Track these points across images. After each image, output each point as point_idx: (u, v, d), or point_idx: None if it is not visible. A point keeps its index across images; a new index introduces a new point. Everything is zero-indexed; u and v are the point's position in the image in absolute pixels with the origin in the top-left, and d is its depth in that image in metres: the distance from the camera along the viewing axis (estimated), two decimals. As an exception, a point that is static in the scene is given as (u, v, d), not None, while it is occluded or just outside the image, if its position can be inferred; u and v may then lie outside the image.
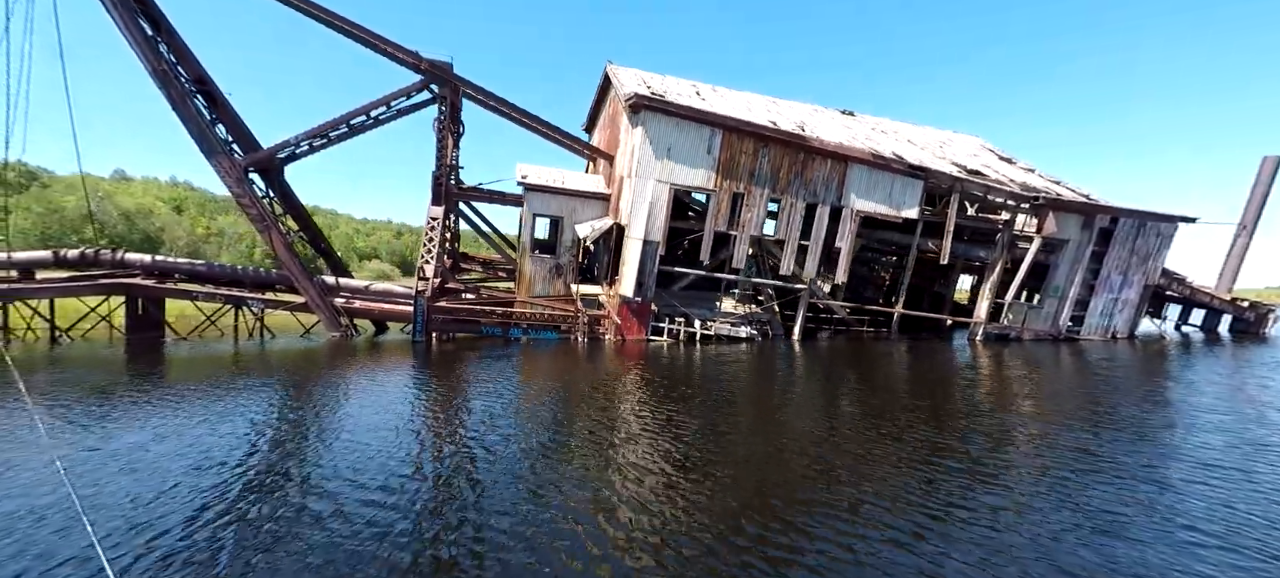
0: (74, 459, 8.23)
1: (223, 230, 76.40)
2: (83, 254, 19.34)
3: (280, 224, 21.01)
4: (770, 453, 9.45)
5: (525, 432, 10.15)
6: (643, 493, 7.60)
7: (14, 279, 18.76)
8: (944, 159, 24.27)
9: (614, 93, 24.82)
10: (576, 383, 14.15)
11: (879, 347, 21.88)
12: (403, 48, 20.63)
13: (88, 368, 14.95)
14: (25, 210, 53.31)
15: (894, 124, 28.85)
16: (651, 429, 10.39)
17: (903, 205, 21.44)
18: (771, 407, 12.59)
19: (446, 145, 21.77)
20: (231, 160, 19.33)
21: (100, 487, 7.37)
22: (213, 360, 16.39)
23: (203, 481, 7.67)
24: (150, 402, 11.30)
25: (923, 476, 8.50)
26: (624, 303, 20.52)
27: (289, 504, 6.98)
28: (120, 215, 61.41)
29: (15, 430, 9.38)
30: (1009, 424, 11.78)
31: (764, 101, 25.46)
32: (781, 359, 18.84)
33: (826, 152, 20.15)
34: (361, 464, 8.29)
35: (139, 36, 17.68)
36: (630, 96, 19.03)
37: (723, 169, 19.84)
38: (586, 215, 23.31)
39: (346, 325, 20.66)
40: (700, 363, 17.41)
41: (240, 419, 10.45)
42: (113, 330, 20.25)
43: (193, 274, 20.84)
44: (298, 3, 19.48)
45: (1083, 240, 23.43)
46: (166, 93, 18.36)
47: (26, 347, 17.83)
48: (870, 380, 15.70)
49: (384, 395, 12.46)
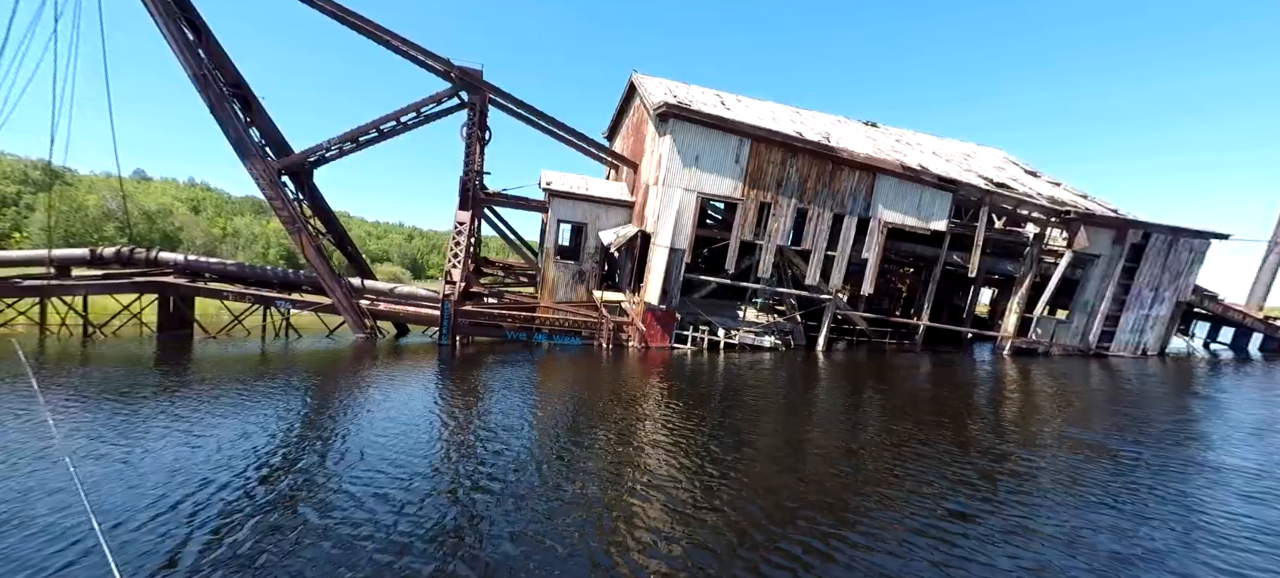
0: (115, 458, 8.31)
1: (238, 231, 77.69)
2: (118, 253, 19.68)
3: (309, 226, 21.26)
4: (807, 471, 9.32)
5: (557, 439, 10.09)
6: (680, 506, 7.51)
7: (51, 276, 19.08)
8: (970, 172, 24.09)
9: (639, 101, 24.97)
10: (604, 390, 14.08)
11: (903, 359, 21.61)
12: (434, 54, 20.93)
13: (127, 366, 15.12)
14: (47, 208, 54.51)
15: (917, 136, 28.73)
16: (686, 441, 10.29)
17: (931, 217, 21.28)
18: (806, 421, 12.43)
19: (474, 151, 21.99)
20: (265, 163, 19.62)
21: (135, 489, 7.42)
22: (242, 360, 16.53)
23: (248, 481, 7.70)
24: (186, 401, 11.40)
25: (972, 503, 8.34)
26: (649, 310, 20.48)
27: (328, 508, 6.97)
28: (142, 215, 62.67)
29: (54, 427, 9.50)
30: (1062, 449, 11.54)
31: (788, 112, 25.48)
32: (808, 370, 18.66)
33: (856, 163, 20.08)
34: (397, 469, 8.29)
35: (182, 42, 18.08)
36: (659, 105, 19.12)
37: (750, 178, 19.83)
38: (610, 222, 23.37)
39: (371, 327, 20.80)
40: (727, 372, 17.29)
41: (279, 421, 10.51)
42: (143, 328, 20.54)
43: (223, 274, 21.11)
44: (338, 12, 19.86)
45: (1114, 256, 23.09)
46: (206, 97, 18.70)
47: (60, 342, 18.09)
48: (903, 395, 15.48)
49: (416, 399, 12.48)
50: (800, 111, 26.12)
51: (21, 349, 13.93)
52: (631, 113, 26.03)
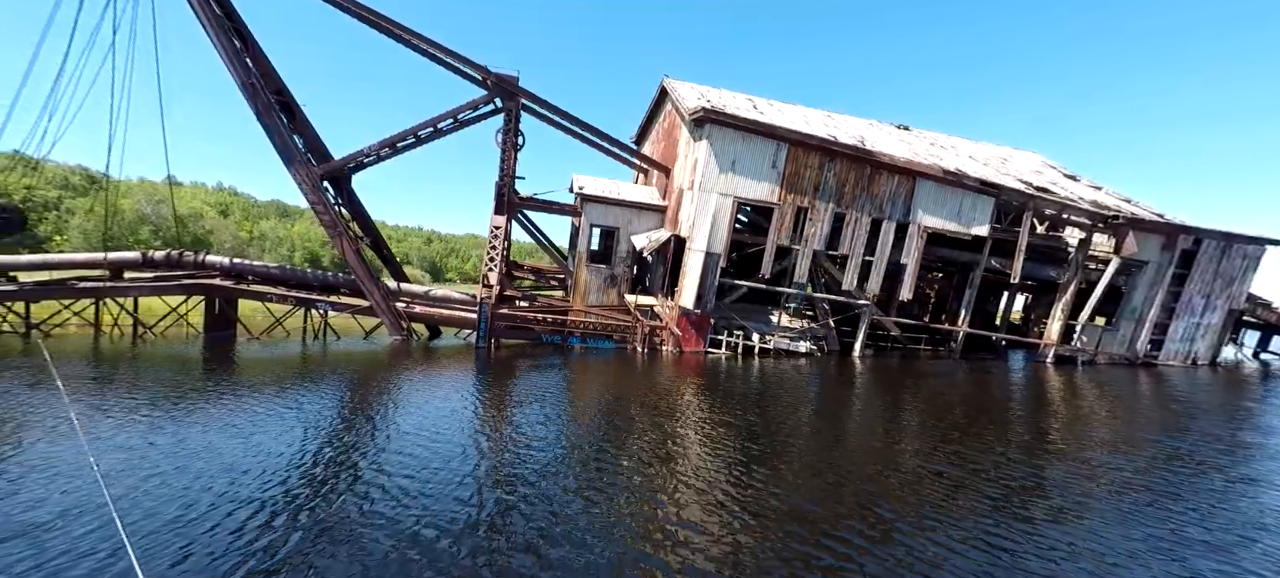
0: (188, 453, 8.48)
1: (264, 234, 79.53)
2: (168, 256, 20.24)
3: (349, 230, 21.64)
4: (866, 486, 9.13)
5: (609, 443, 10.04)
6: (729, 516, 7.40)
7: (106, 278, 19.71)
8: (1008, 175, 23.57)
9: (670, 106, 24.97)
10: (645, 395, 14.00)
11: (940, 366, 21.16)
12: (471, 62, 21.21)
13: (179, 368, 15.50)
14: (89, 212, 56.48)
15: (952, 140, 28.23)
16: (732, 450, 10.16)
17: (973, 222, 20.84)
18: (856, 431, 12.22)
19: (509, 156, 22.18)
20: (309, 169, 20.04)
21: (206, 485, 7.55)
22: (286, 361, 16.84)
23: (306, 477, 7.79)
24: (249, 403, 11.61)
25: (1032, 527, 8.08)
26: (683, 314, 20.39)
27: (379, 508, 7.00)
28: (175, 218, 64.40)
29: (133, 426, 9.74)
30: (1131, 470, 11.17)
31: (820, 116, 25.25)
32: (848, 376, 18.38)
33: (896, 167, 19.78)
34: (446, 469, 8.32)
35: (231, 52, 18.60)
36: (696, 111, 19.08)
37: (787, 183, 19.66)
38: (642, 227, 23.37)
39: (407, 329, 21.06)
40: (765, 377, 17.10)
41: (339, 422, 10.67)
42: (189, 329, 21.09)
43: (265, 276, 21.56)
44: (382, 24, 20.28)
45: (1163, 262, 22.35)
46: (253, 105, 19.19)
47: (112, 343, 18.63)
48: (948, 404, 15.12)
49: (465, 402, 12.57)
50: (832, 116, 25.87)
51: (47, 353, 14.30)
52: (662, 118, 26.04)
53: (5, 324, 18.74)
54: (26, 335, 18.22)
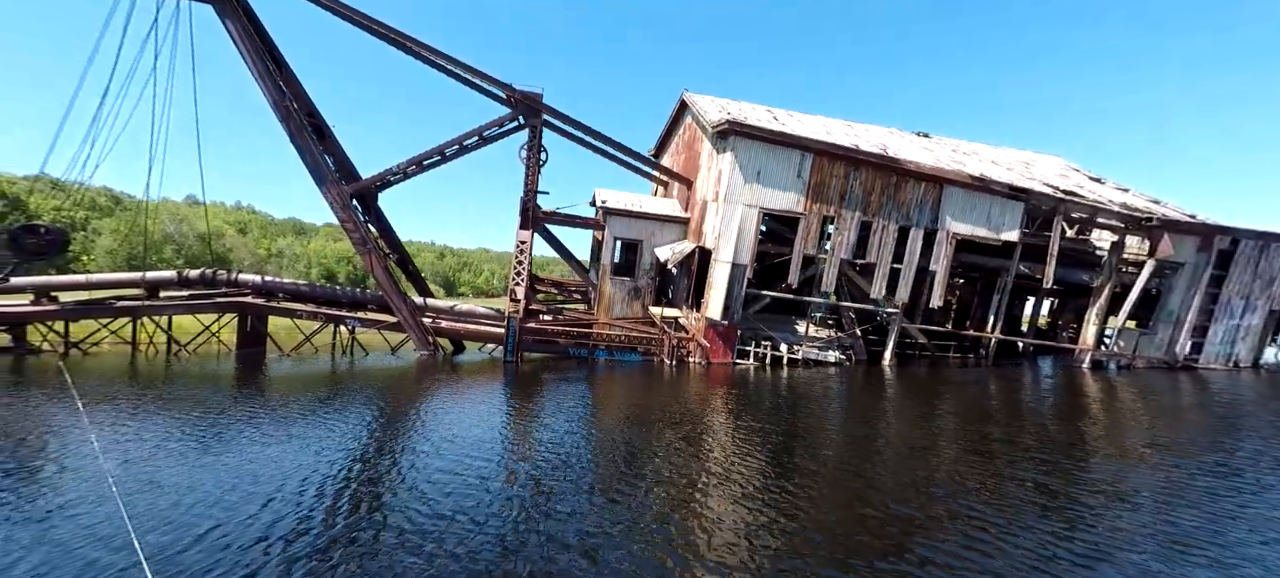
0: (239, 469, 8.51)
1: (281, 251, 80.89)
2: (202, 274, 20.61)
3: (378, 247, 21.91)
4: (916, 504, 8.92)
5: (653, 456, 9.94)
6: (770, 531, 7.26)
7: (142, 297, 20.09)
8: (1033, 179, 23.35)
9: (690, 119, 25.16)
10: (676, 407, 13.87)
11: (972, 374, 20.81)
12: (496, 80, 21.56)
13: (221, 385, 15.67)
14: (113, 232, 57.71)
15: (973, 146, 28.10)
16: (776, 464, 10.01)
17: (1002, 228, 20.63)
18: (899, 442, 11.99)
19: (532, 172, 22.42)
20: (339, 188, 20.37)
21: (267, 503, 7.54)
22: (318, 377, 16.97)
23: (367, 492, 7.76)
24: (284, 417, 11.68)
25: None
26: (710, 326, 20.31)
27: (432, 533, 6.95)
28: (196, 237, 65.83)
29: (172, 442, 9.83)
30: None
31: (840, 125, 25.28)
32: (881, 386, 18.12)
33: (922, 174, 19.70)
34: (494, 485, 8.27)
35: (266, 76, 19.08)
36: (720, 123, 19.20)
37: (813, 192, 19.63)
38: (665, 239, 23.42)
39: (434, 344, 21.17)
40: (796, 388, 16.90)
41: (382, 438, 10.69)
42: (220, 346, 21.36)
43: (295, 294, 21.84)
44: (405, 44, 20.73)
45: (1199, 264, 21.92)
46: (287, 126, 19.61)
47: (148, 360, 18.91)
48: (987, 412, 14.82)
49: (499, 416, 12.58)
50: (852, 125, 25.89)
51: (68, 374, 14.48)
52: (682, 131, 26.22)
53: (46, 343, 19.14)
54: (65, 355, 18.57)
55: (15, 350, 18.29)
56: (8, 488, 7.50)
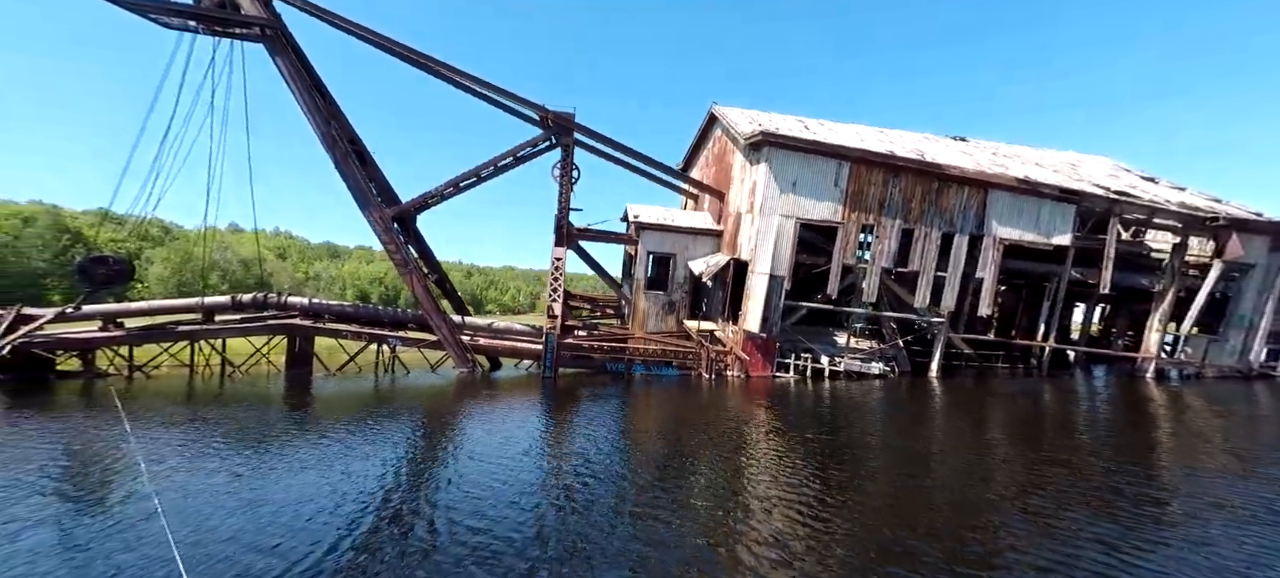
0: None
1: (318, 274, 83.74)
2: (254, 298, 21.45)
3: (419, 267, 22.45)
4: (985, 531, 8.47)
5: (704, 473, 9.74)
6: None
7: (199, 321, 20.99)
8: (1083, 181, 22.44)
9: (719, 132, 25.16)
10: (718, 421, 13.64)
11: (1023, 385, 19.89)
12: (529, 101, 22.01)
13: (276, 406, 16.16)
14: (164, 261, 60.73)
15: (1014, 148, 27.24)
16: (831, 486, 9.68)
17: (1052, 232, 19.84)
18: (958, 458, 11.49)
19: (565, 190, 22.70)
20: (382, 211, 21.02)
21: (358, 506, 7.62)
22: (364, 396, 17.33)
23: (408, 516, 7.79)
24: (335, 435, 11.90)
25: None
26: (748, 338, 20.02)
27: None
28: (239, 262, 68.75)
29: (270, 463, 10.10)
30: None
31: (873, 132, 24.88)
32: (929, 398, 17.48)
33: (965, 179, 19.17)
34: (544, 502, 8.20)
35: (313, 108, 19.92)
36: (753, 134, 19.12)
37: (851, 201, 19.30)
38: (698, 252, 23.33)
39: (473, 361, 21.45)
40: (841, 401, 16.44)
41: (437, 454, 10.77)
42: (270, 366, 22.09)
43: (340, 315, 22.49)
44: (443, 72, 21.42)
45: (1272, 265, 20.59)
46: (332, 154, 20.39)
47: (204, 382, 19.67)
48: (1058, 424, 14.11)
49: (544, 431, 12.56)
50: (886, 131, 25.45)
51: (118, 398, 15.06)
52: (712, 143, 26.23)
53: (112, 367, 20.13)
54: (130, 377, 19.48)
55: (85, 375, 19.29)
56: (60, 509, 7.81)
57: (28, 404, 14.26)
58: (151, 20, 18.68)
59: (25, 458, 9.82)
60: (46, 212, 50.76)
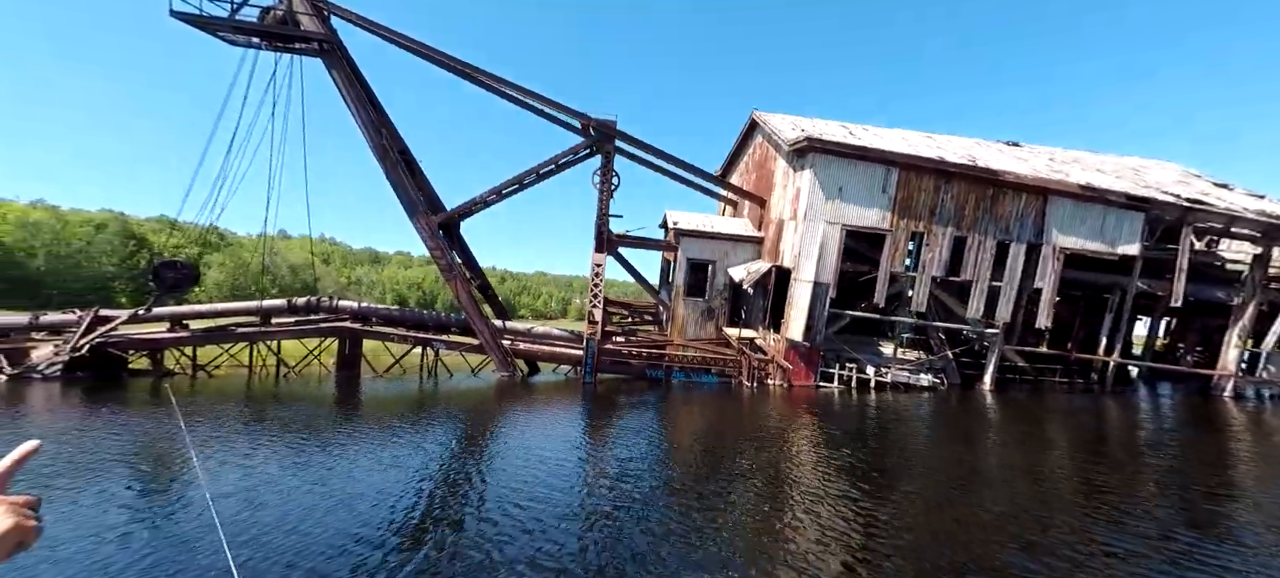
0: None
1: (360, 279, 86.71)
2: (308, 302, 22.30)
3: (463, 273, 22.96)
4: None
5: (759, 489, 9.52)
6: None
7: (257, 323, 21.97)
8: (1151, 188, 21.25)
9: (760, 138, 24.94)
10: (765, 431, 13.36)
11: (1090, 401, 18.84)
12: (571, 110, 22.30)
13: (328, 406, 16.72)
14: (220, 266, 63.94)
15: (1072, 153, 26.05)
16: (890, 508, 9.31)
17: (1118, 241, 18.84)
18: (1028, 481, 10.92)
19: (605, 197, 22.86)
20: (429, 219, 21.58)
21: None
22: (410, 397, 17.73)
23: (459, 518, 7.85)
24: (391, 435, 12.17)
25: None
26: (791, 347, 19.66)
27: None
28: (288, 268, 71.78)
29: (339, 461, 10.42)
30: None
31: (921, 137, 24.20)
32: (984, 412, 16.76)
33: (1022, 185, 18.40)
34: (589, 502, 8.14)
35: (367, 122, 20.66)
36: (798, 141, 18.86)
37: (899, 207, 18.79)
38: (738, 259, 23.11)
39: (514, 365, 21.75)
40: (891, 415, 15.92)
41: (488, 457, 10.88)
42: (321, 368, 22.90)
43: (387, 318, 23.16)
44: (489, 82, 21.93)
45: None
46: (383, 165, 21.10)
47: (260, 382, 20.50)
48: (1130, 449, 13.29)
49: (588, 437, 12.56)
50: (934, 136, 24.72)
51: (174, 397, 15.69)
52: (752, 150, 26.01)
53: (177, 367, 21.25)
54: (193, 376, 20.50)
55: (153, 374, 20.41)
56: (125, 497, 8.19)
57: (104, 399, 15.13)
58: (220, 38, 19.75)
59: (96, 447, 10.42)
60: (115, 218, 54.20)
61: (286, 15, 19.53)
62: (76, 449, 10.29)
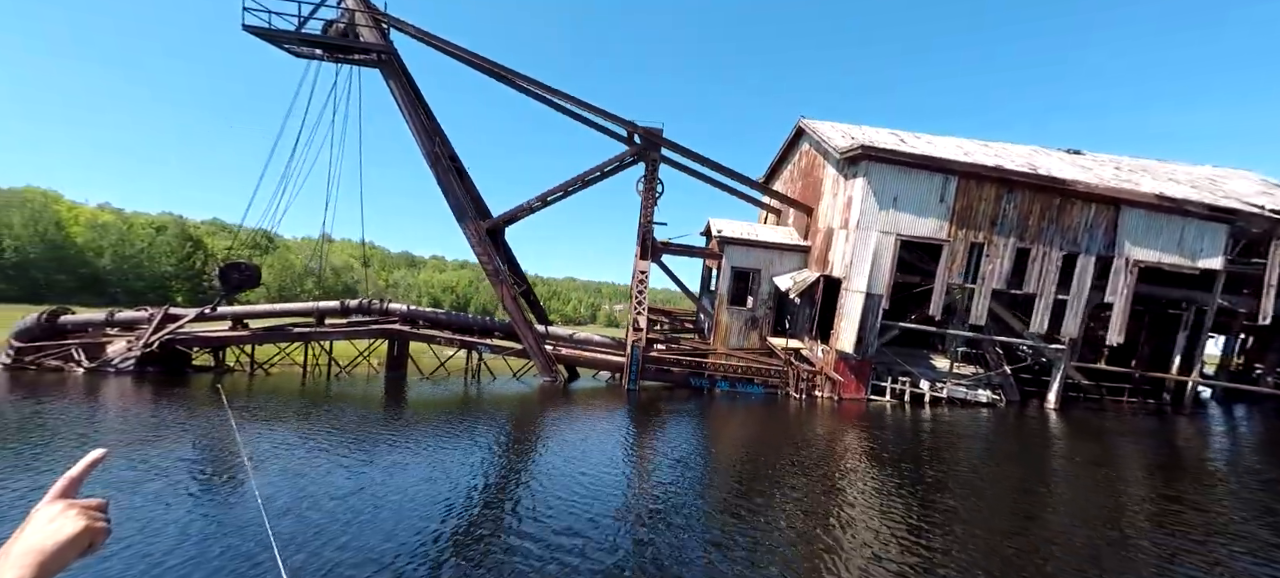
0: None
1: (397, 282, 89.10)
2: (360, 304, 22.92)
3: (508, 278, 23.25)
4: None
5: (803, 510, 9.18)
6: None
7: (312, 324, 22.69)
8: (1232, 198, 19.99)
9: (806, 146, 24.57)
10: (821, 445, 12.97)
11: (1166, 423, 17.71)
12: (617, 117, 22.42)
13: (373, 405, 17.08)
14: (268, 267, 66.60)
15: (1140, 162, 24.79)
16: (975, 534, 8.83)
17: (1198, 255, 17.76)
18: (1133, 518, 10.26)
19: (650, 204, 22.85)
20: (477, 224, 21.97)
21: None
22: (457, 400, 17.94)
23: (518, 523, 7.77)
24: (446, 438, 12.27)
25: None
26: (841, 359, 19.16)
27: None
28: (331, 270, 74.27)
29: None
30: None
31: (977, 145, 23.42)
32: (1048, 433, 15.92)
33: (1093, 195, 17.55)
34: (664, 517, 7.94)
35: (422, 132, 21.21)
36: (851, 149, 18.47)
37: (958, 217, 18.15)
38: (784, 268, 22.73)
39: (557, 371, 21.84)
40: (951, 431, 15.28)
41: (539, 460, 10.85)
42: (370, 368, 23.47)
43: (433, 321, 23.60)
44: (536, 91, 22.27)
45: None
46: (435, 171, 21.60)
47: (313, 380, 21.09)
48: (1243, 479, 12.38)
49: (639, 445, 12.42)
50: (991, 144, 23.90)
51: (223, 393, 16.11)
52: (798, 158, 25.65)
53: (237, 365, 22.10)
54: (252, 374, 21.28)
55: (215, 370, 21.29)
56: (186, 487, 8.45)
57: (170, 395, 15.79)
58: (286, 49, 20.62)
59: (158, 442, 10.79)
60: (174, 222, 57.18)
61: (347, 28, 20.27)
62: (142, 445, 10.69)
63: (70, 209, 50.61)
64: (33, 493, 7.79)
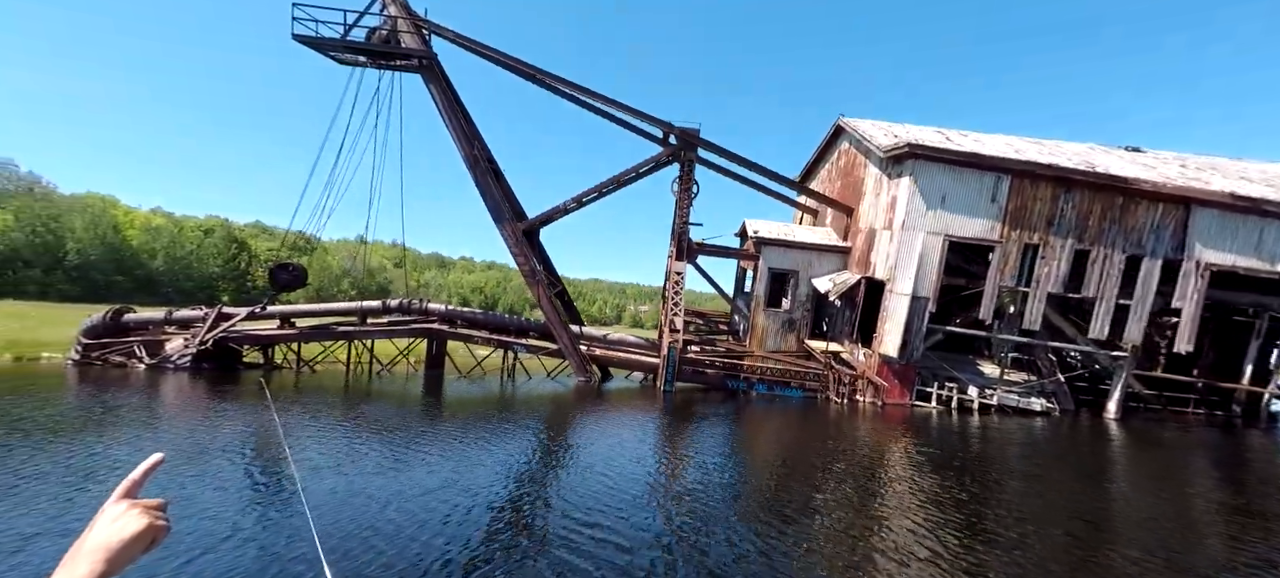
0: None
1: (427, 283, 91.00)
2: (401, 304, 23.42)
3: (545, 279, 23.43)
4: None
5: (853, 523, 8.83)
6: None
7: (355, 323, 23.30)
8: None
9: (846, 145, 24.02)
10: (869, 455, 12.53)
11: (1239, 438, 16.60)
12: (654, 119, 22.32)
13: (410, 402, 17.38)
14: (309, 268, 68.62)
15: (1207, 159, 23.38)
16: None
17: (1278, 257, 16.61)
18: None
19: (685, 204, 22.68)
20: (514, 225, 22.18)
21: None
22: (495, 398, 18.09)
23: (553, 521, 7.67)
24: (492, 439, 12.34)
25: None
26: (884, 363, 18.63)
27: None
28: (366, 272, 76.27)
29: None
30: None
31: (1030, 143, 22.47)
32: (1109, 445, 15.09)
33: (1160, 194, 16.60)
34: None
35: (461, 135, 21.53)
36: (897, 147, 17.94)
37: (1011, 218, 17.43)
38: (822, 269, 22.26)
39: (591, 372, 21.86)
40: (998, 441, 14.60)
41: (582, 460, 10.78)
42: (409, 367, 23.95)
43: (471, 321, 23.95)
44: (570, 94, 22.36)
45: None
46: (474, 173, 21.91)
47: (356, 377, 21.62)
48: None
49: (676, 449, 12.26)
50: (1044, 142, 22.91)
51: (268, 391, 16.43)
52: (836, 157, 25.10)
53: (284, 362, 22.86)
54: (298, 371, 21.97)
55: (263, 367, 22.07)
56: (237, 479, 8.64)
57: (222, 392, 16.36)
58: (331, 57, 21.21)
59: (211, 438, 11.12)
60: (221, 224, 59.67)
61: (390, 34, 20.74)
62: (198, 438, 11.07)
63: (126, 213, 53.41)
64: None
